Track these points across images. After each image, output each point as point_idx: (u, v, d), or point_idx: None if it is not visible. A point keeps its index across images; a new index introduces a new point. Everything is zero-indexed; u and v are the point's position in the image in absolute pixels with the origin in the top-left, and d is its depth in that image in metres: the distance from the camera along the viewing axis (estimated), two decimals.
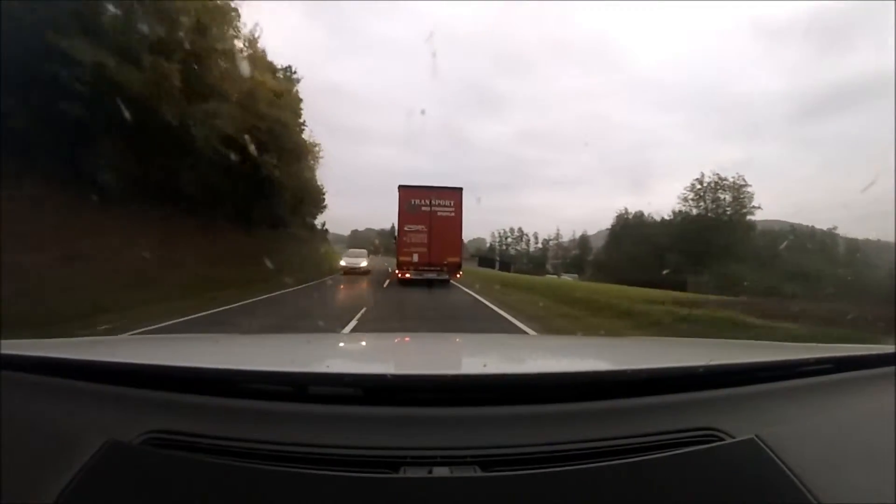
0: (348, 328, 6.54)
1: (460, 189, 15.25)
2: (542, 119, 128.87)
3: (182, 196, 13.71)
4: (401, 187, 14.99)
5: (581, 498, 0.63)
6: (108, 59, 9.73)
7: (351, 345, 1.67)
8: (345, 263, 19.85)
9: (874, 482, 0.68)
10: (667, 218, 42.48)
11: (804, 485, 0.65)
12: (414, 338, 2.27)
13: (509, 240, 75.84)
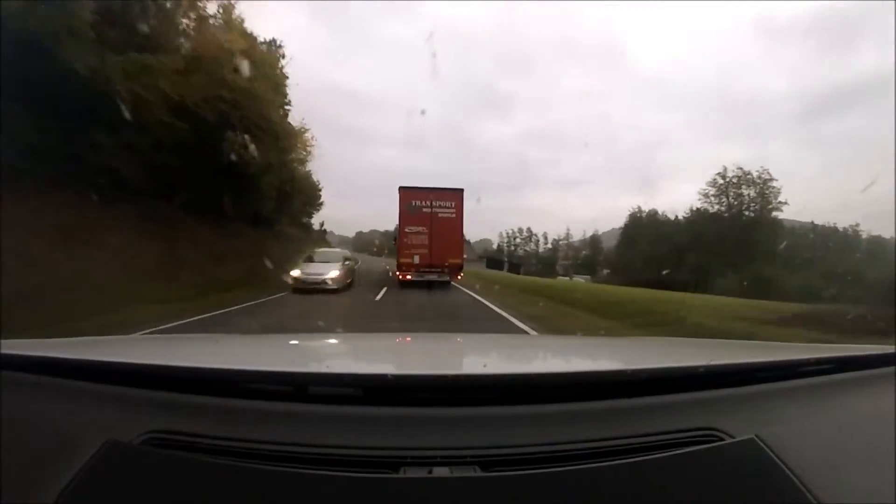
0: None
1: (461, 190, 15.25)
2: (546, 119, 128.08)
3: (119, 179, 10.17)
4: (401, 188, 14.97)
5: (581, 498, 0.63)
6: None
7: (351, 345, 1.67)
8: (298, 275, 12.07)
9: (874, 482, 0.68)
10: (681, 217, 40.67)
11: (804, 485, 0.65)
12: (414, 338, 2.26)
13: (518, 240, 73.96)
